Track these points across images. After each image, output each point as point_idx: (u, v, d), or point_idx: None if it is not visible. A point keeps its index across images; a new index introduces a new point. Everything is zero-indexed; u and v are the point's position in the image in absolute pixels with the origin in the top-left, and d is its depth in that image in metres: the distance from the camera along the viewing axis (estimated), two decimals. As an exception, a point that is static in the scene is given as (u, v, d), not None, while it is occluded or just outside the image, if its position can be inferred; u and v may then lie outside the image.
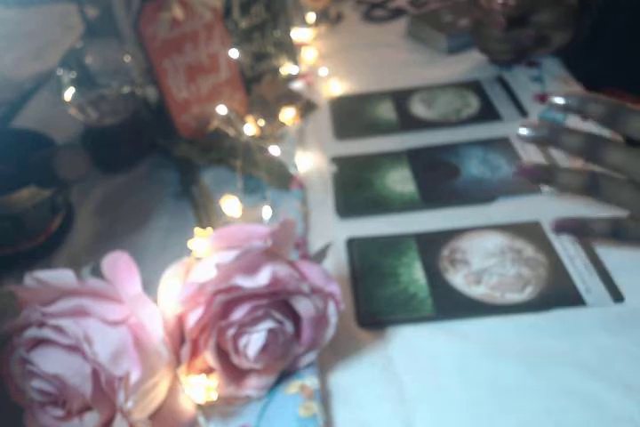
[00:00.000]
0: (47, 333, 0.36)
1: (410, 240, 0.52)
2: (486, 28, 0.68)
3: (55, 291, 0.37)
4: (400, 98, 0.71)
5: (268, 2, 0.71)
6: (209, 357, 0.38)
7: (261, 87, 0.70)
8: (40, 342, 0.36)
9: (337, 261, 0.51)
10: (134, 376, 0.35)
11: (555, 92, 0.43)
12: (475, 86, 0.71)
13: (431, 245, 0.51)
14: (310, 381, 0.41)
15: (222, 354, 0.39)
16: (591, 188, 0.43)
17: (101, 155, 0.64)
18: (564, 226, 0.45)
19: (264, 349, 0.38)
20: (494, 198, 0.55)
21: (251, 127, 0.62)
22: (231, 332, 0.38)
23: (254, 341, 0.38)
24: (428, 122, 0.66)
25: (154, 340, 0.37)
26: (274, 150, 0.60)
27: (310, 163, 0.62)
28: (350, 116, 0.69)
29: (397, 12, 0.89)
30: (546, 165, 0.45)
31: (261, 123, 0.64)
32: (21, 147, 0.52)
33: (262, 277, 0.38)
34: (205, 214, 0.56)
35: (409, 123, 0.67)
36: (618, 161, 0.41)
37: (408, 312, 0.46)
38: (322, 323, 0.41)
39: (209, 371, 0.40)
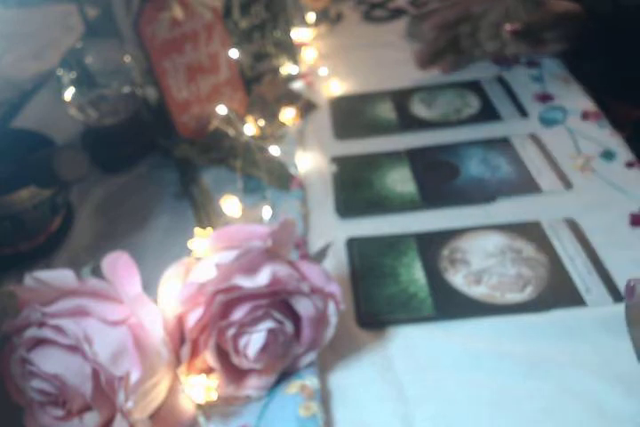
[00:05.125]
0: (47, 333, 0.36)
1: (410, 240, 0.52)
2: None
3: (55, 291, 0.37)
4: (400, 98, 0.71)
5: (268, 2, 0.71)
6: (209, 357, 0.38)
7: (261, 87, 0.70)
8: (40, 342, 0.36)
9: (337, 261, 0.51)
10: (134, 376, 0.35)
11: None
12: (475, 86, 0.70)
13: (431, 245, 0.51)
14: (310, 381, 0.41)
15: (222, 354, 0.39)
16: None
17: (101, 155, 0.64)
18: None
19: (264, 349, 0.38)
20: (494, 198, 0.55)
21: (251, 127, 0.62)
22: (231, 332, 0.38)
23: (254, 341, 0.38)
24: (428, 122, 0.66)
25: (154, 340, 0.37)
26: (274, 150, 0.60)
27: (310, 163, 0.62)
28: (350, 116, 0.69)
29: (397, 12, 0.89)
30: None
31: (261, 123, 0.64)
32: (21, 147, 0.52)
33: (262, 278, 0.38)
34: (205, 214, 0.56)
35: (409, 123, 0.67)
36: None
37: (408, 312, 0.46)
38: (322, 323, 0.41)
39: (209, 371, 0.40)
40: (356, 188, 0.58)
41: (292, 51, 0.75)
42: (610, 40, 0.64)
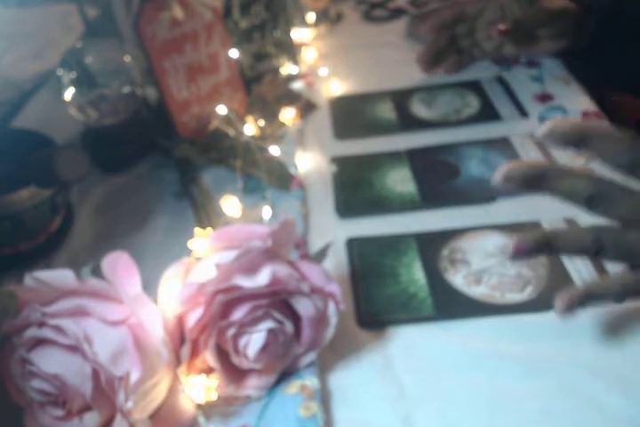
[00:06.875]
0: (47, 333, 0.36)
1: (410, 240, 0.52)
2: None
3: (55, 291, 0.37)
4: (400, 98, 0.71)
5: (268, 2, 0.71)
6: (209, 357, 0.38)
7: (261, 87, 0.70)
8: (40, 342, 0.36)
9: (337, 261, 0.51)
10: (134, 376, 0.35)
11: (553, 120, 0.35)
12: (475, 86, 0.70)
13: (431, 245, 0.51)
14: (310, 381, 0.41)
15: (222, 354, 0.39)
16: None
17: (101, 155, 0.64)
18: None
19: (264, 349, 0.38)
20: (494, 198, 0.55)
21: (251, 127, 0.62)
22: (231, 332, 0.38)
23: (254, 341, 0.38)
24: (427, 122, 0.66)
25: (154, 340, 0.37)
26: (274, 150, 0.60)
27: (310, 163, 0.62)
28: (350, 116, 0.69)
29: (397, 12, 0.89)
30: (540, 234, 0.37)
31: (261, 123, 0.64)
32: (21, 147, 0.52)
33: (262, 278, 0.38)
34: (205, 214, 0.56)
35: (409, 123, 0.66)
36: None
37: (408, 312, 0.46)
38: (322, 323, 0.41)
39: (209, 371, 0.40)
40: (356, 188, 0.58)
41: (291, 51, 0.75)
42: (610, 35, 0.64)
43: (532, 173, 0.36)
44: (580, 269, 0.47)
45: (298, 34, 0.78)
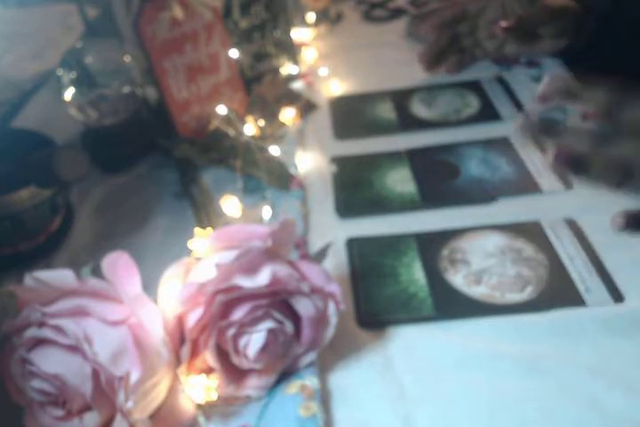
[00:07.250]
0: (47, 333, 0.36)
1: (410, 240, 0.52)
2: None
3: (55, 291, 0.37)
4: (400, 98, 0.71)
5: (268, 2, 0.71)
6: (209, 357, 0.38)
7: (261, 87, 0.70)
8: (40, 342, 0.36)
9: (337, 261, 0.51)
10: (134, 376, 0.35)
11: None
12: (475, 86, 0.71)
13: (431, 245, 0.51)
14: (310, 381, 0.41)
15: (222, 354, 0.39)
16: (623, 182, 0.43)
17: (101, 155, 0.64)
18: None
19: (264, 349, 0.38)
20: (494, 198, 0.55)
21: (251, 127, 0.62)
22: (231, 332, 0.38)
23: (254, 341, 0.38)
24: (427, 122, 0.66)
25: (154, 340, 0.37)
26: (274, 150, 0.60)
27: (310, 163, 0.62)
28: (350, 116, 0.69)
29: (397, 12, 0.89)
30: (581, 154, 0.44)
31: (261, 123, 0.64)
32: (21, 147, 0.52)
33: (262, 278, 0.38)
34: (205, 214, 0.56)
35: (409, 123, 0.67)
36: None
37: (408, 312, 0.46)
38: (322, 323, 0.41)
39: (209, 371, 0.40)
40: (356, 188, 0.58)
41: (292, 51, 0.75)
42: (610, 35, 0.63)
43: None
44: (580, 270, 0.47)
45: (298, 34, 0.78)
